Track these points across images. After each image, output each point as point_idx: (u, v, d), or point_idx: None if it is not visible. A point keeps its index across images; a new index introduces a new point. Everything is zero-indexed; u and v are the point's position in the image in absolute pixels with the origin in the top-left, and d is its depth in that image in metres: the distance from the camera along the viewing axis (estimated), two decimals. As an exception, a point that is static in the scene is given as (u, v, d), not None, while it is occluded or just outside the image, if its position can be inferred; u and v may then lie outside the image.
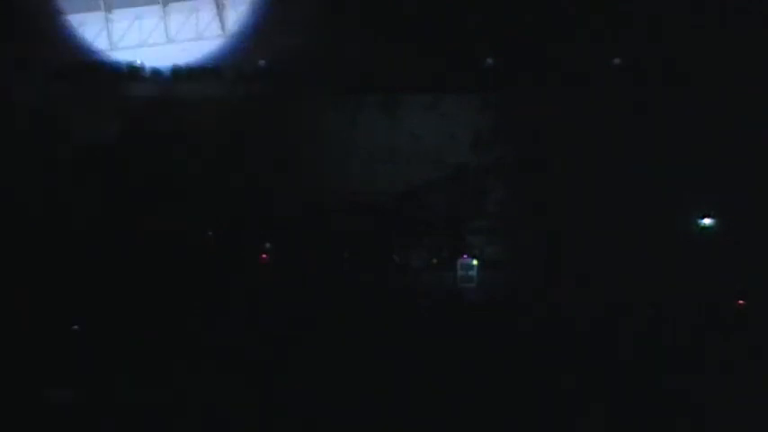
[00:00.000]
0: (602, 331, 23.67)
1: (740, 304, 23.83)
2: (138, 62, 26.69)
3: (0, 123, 26.15)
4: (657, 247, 24.33)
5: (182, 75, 26.60)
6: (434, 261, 26.09)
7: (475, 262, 25.64)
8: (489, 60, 25.34)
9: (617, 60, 25.12)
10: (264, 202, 25.79)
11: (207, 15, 27.13)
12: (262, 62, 25.94)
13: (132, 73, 26.79)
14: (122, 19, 27.19)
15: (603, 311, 23.93)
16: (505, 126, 25.78)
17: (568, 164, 25.20)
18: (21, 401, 22.47)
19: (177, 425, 22.46)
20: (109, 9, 27.09)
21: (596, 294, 24.07)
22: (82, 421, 22.37)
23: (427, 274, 25.82)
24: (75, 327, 23.62)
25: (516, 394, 22.85)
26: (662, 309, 23.88)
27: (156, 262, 24.72)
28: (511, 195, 25.81)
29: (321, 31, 25.78)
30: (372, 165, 26.22)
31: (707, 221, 24.70)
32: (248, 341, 23.57)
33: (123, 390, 22.83)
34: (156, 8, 27.26)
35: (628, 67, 25.13)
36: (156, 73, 26.78)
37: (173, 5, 27.14)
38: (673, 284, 23.88)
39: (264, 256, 25.71)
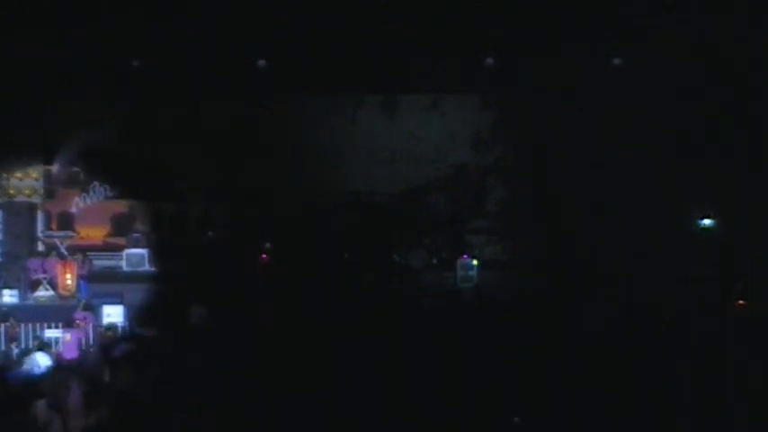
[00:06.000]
0: (602, 332, 23.63)
1: (740, 305, 23.76)
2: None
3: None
4: (658, 247, 24.31)
5: None
6: (434, 261, 26.12)
7: (475, 262, 25.62)
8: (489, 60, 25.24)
9: (617, 61, 25.05)
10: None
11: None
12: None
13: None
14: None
15: (603, 312, 23.90)
16: (505, 126, 25.82)
17: (569, 164, 25.21)
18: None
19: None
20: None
21: (596, 295, 24.05)
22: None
23: (427, 274, 25.82)
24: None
25: (516, 395, 22.79)
26: (662, 309, 23.83)
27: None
28: (511, 195, 25.86)
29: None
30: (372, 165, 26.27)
31: (707, 221, 24.72)
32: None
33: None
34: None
35: (628, 67, 25.06)
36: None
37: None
38: (673, 284, 23.86)
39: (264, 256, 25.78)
